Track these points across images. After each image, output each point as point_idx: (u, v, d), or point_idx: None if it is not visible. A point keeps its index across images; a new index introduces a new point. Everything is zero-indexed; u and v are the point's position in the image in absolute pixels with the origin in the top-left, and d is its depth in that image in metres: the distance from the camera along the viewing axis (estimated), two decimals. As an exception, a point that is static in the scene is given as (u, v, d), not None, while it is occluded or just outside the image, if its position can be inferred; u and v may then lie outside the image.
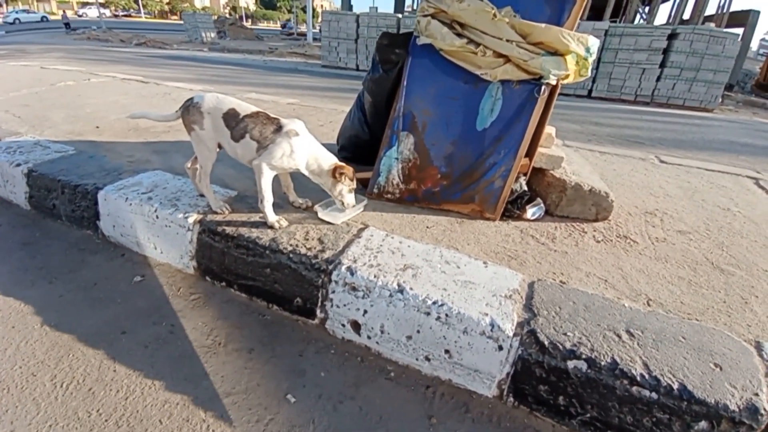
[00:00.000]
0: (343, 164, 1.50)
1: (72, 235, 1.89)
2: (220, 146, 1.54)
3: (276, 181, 1.70)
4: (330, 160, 1.51)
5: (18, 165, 2.06)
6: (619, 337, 1.10)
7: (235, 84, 5.76)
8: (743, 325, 1.21)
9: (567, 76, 1.51)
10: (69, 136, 2.57)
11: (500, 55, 1.51)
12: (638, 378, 0.97)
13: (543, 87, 1.54)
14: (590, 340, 1.08)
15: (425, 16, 1.58)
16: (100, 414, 1.09)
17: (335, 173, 1.47)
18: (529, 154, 1.72)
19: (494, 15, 1.45)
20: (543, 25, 1.44)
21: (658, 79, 8.38)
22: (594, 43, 1.47)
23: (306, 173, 1.53)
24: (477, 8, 1.47)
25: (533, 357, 1.07)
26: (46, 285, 1.58)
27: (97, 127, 2.81)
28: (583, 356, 1.03)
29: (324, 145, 1.58)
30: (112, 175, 1.95)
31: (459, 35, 1.54)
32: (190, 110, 1.46)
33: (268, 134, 1.43)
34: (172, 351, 1.31)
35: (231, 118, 1.44)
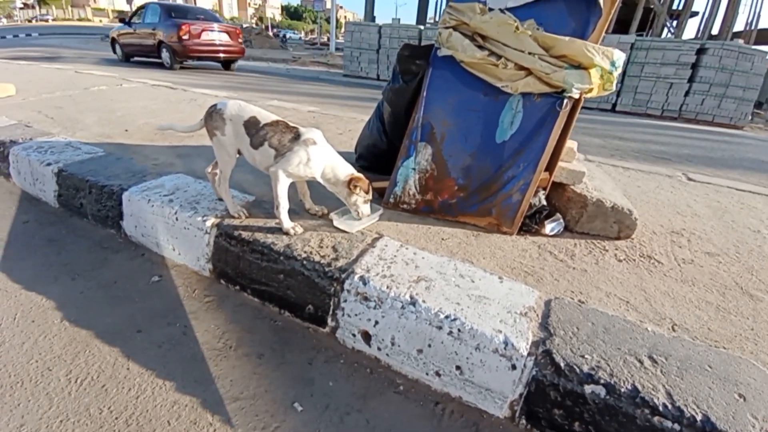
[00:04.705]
0: (359, 176, 1.50)
1: (96, 234, 1.95)
2: (239, 152, 1.57)
3: (293, 187, 1.72)
4: (346, 170, 1.51)
5: (48, 164, 2.15)
6: (641, 362, 1.04)
7: (259, 91, 5.90)
8: (770, 354, 1.14)
9: (590, 90, 1.48)
10: (99, 138, 2.68)
11: (522, 68, 1.49)
12: (660, 408, 0.92)
13: (565, 100, 1.51)
14: (609, 364, 1.03)
15: (447, 28, 1.58)
16: (111, 411, 1.10)
17: (350, 184, 1.47)
18: (549, 168, 1.69)
19: (517, 27, 1.44)
20: (567, 38, 1.42)
21: (687, 94, 8.17)
22: (619, 56, 1.44)
23: (322, 182, 1.54)
24: (500, 21, 1.47)
25: (548, 379, 1.03)
26: (68, 281, 1.63)
27: (126, 130, 2.91)
28: (602, 381, 0.99)
29: (342, 153, 1.59)
30: (137, 177, 2.01)
31: (480, 47, 1.53)
32: (213, 116, 1.50)
33: (286, 142, 1.45)
34: (184, 352, 1.32)
35: (251, 126, 1.47)
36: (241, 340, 1.38)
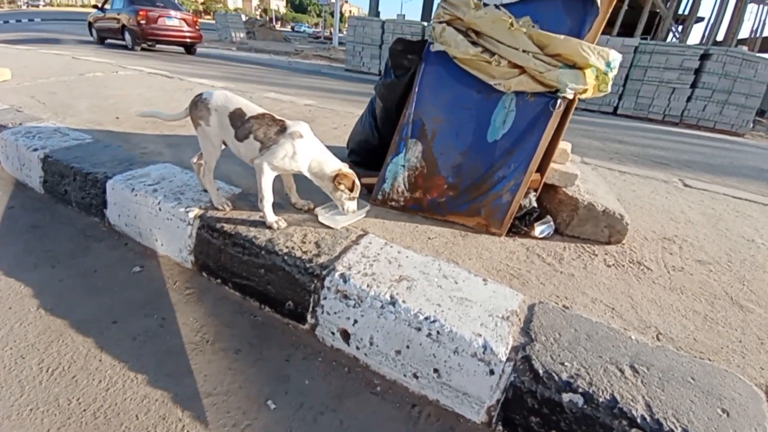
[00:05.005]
0: (346, 172, 1.47)
1: (80, 222, 1.92)
2: (225, 144, 1.54)
3: (279, 181, 1.69)
4: (334, 165, 1.48)
5: (35, 150, 2.11)
6: (622, 372, 1.02)
7: (258, 83, 5.85)
8: (756, 367, 1.11)
9: (585, 91, 1.45)
10: (89, 125, 2.64)
11: (515, 66, 1.46)
12: (638, 420, 0.89)
13: (559, 101, 1.48)
14: (589, 372, 1.00)
15: (440, 22, 1.54)
16: (80, 403, 1.08)
17: (335, 180, 1.44)
18: (541, 169, 1.65)
19: (511, 24, 1.41)
20: (562, 36, 1.38)
21: (689, 99, 8.13)
22: (615, 57, 1.40)
23: (309, 176, 1.51)
24: (494, 17, 1.43)
25: (526, 385, 1.00)
26: (48, 269, 1.60)
27: (117, 117, 2.87)
28: (580, 390, 0.96)
29: (335, 148, 1.55)
30: (123, 165, 1.98)
31: (474, 43, 1.49)
32: (198, 106, 1.46)
33: (272, 135, 1.42)
34: (159, 345, 1.29)
35: (237, 118, 1.43)
36: (219, 335, 1.35)
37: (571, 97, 1.47)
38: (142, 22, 8.67)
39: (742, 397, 0.99)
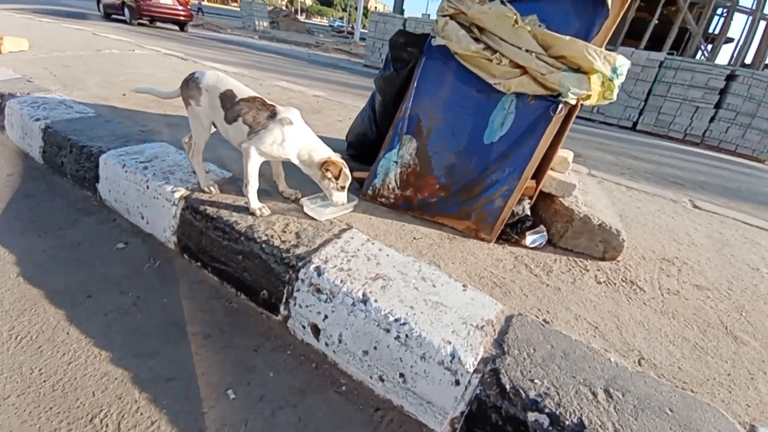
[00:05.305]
0: (335, 160, 1.43)
1: (73, 194, 1.92)
2: (215, 125, 1.51)
3: (269, 168, 1.66)
4: (323, 153, 1.44)
5: (37, 120, 2.12)
6: (595, 395, 0.96)
7: (273, 71, 5.84)
8: (742, 404, 1.04)
9: (588, 97, 1.38)
10: (95, 99, 2.65)
11: (517, 66, 1.40)
12: (604, 447, 0.84)
13: (560, 105, 1.41)
14: (559, 392, 0.95)
15: (444, 16, 1.49)
16: (41, 373, 1.08)
17: (322, 167, 1.40)
18: (537, 176, 1.59)
19: (516, 21, 1.35)
20: (567, 37, 1.32)
21: (712, 120, 7.89)
22: (623, 63, 1.33)
23: (298, 164, 1.47)
24: (498, 12, 1.37)
25: (491, 400, 0.95)
26: (34, 238, 1.60)
27: (124, 94, 2.88)
28: (547, 410, 0.91)
29: (336, 140, 1.52)
30: (120, 141, 1.97)
31: (476, 40, 1.44)
32: (189, 84, 1.44)
33: (261, 120, 1.39)
34: (129, 324, 1.28)
35: (227, 99, 1.41)
36: (192, 318, 1.34)
37: (573, 102, 1.41)
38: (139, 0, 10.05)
39: (722, 434, 0.93)
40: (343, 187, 1.48)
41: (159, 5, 10.36)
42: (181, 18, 10.97)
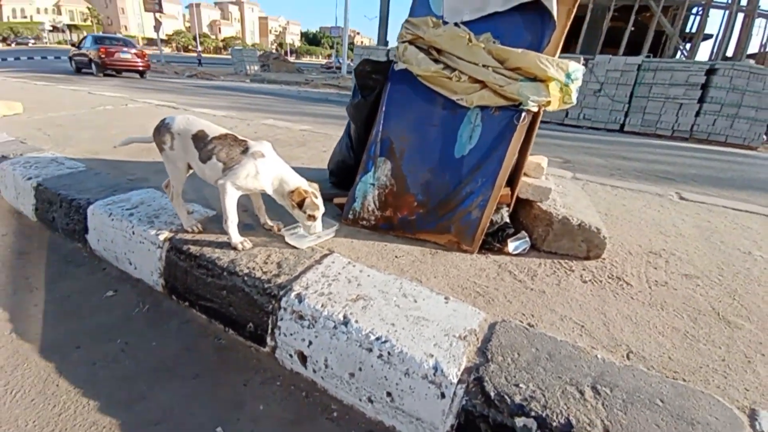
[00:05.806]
0: (302, 189, 1.44)
1: (65, 248, 1.96)
2: (191, 167, 1.56)
3: (250, 202, 1.70)
4: (293, 183, 1.46)
5: (29, 179, 2.20)
6: (582, 393, 0.95)
7: (262, 111, 6.03)
8: (740, 388, 1.02)
9: (549, 103, 1.43)
10: (86, 154, 2.74)
11: (476, 81, 1.46)
12: (591, 446, 0.82)
13: (523, 114, 1.46)
14: (545, 394, 0.94)
15: (403, 42, 1.57)
16: (35, 425, 1.08)
17: (290, 197, 1.43)
18: (512, 184, 1.62)
19: (469, 40, 1.42)
20: (519, 50, 1.38)
21: (698, 114, 8.00)
22: (576, 69, 1.39)
23: (273, 195, 1.51)
24: (452, 34, 1.44)
25: (478, 410, 0.94)
26: (26, 294, 1.63)
27: (115, 147, 2.97)
28: (533, 413, 0.89)
29: (320, 170, 1.55)
30: (108, 191, 2.03)
31: (436, 61, 1.51)
32: (160, 131, 1.50)
33: (234, 155, 1.44)
34: (117, 371, 1.28)
35: (200, 140, 1.46)
36: (180, 359, 1.33)
37: (535, 109, 1.46)
38: (103, 56, 11.93)
39: (718, 422, 0.90)
40: (311, 216, 1.46)
41: (120, 59, 12.28)
42: (140, 68, 12.81)
